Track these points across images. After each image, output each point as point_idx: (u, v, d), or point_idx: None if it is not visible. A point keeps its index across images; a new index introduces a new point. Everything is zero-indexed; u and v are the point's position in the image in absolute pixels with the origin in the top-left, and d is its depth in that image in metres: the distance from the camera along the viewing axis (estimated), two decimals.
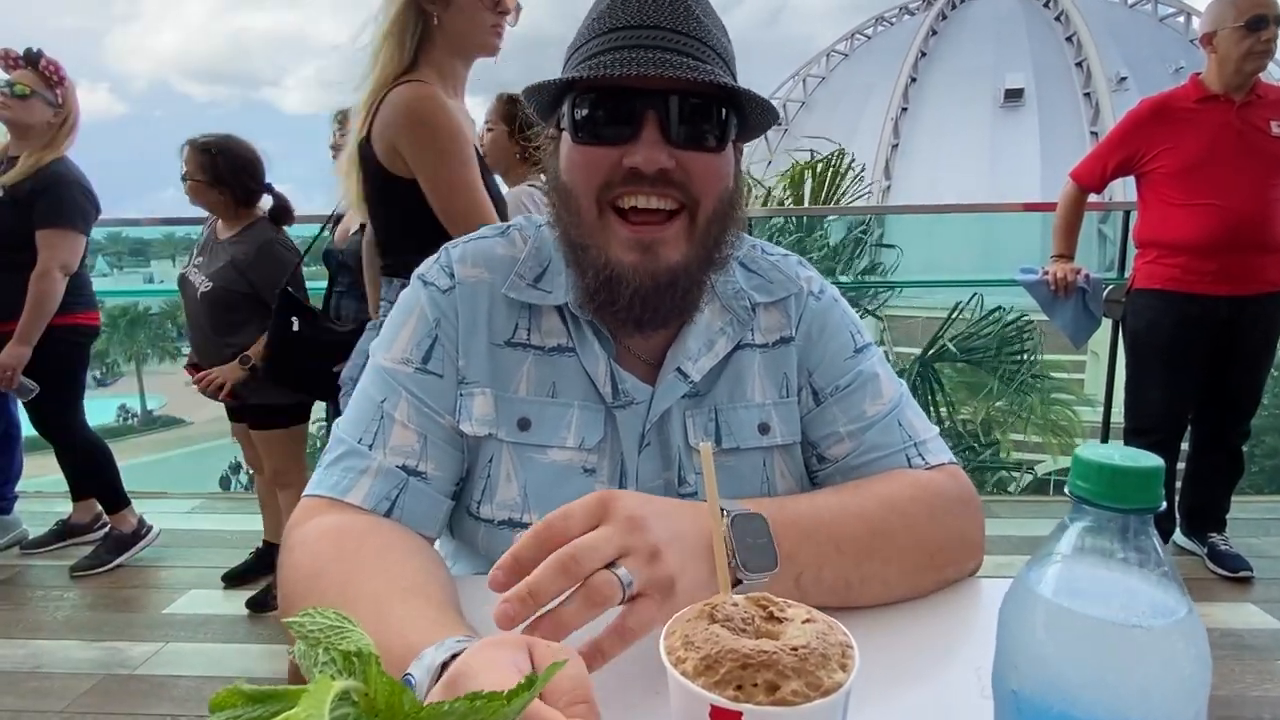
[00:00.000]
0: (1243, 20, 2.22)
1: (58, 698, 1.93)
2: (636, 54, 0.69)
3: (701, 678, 0.35)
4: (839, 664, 0.37)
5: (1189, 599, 0.33)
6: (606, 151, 0.71)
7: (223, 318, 2.38)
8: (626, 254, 0.72)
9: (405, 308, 0.80)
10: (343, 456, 0.73)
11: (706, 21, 0.73)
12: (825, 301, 0.87)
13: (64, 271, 2.48)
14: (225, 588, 2.53)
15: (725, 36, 0.75)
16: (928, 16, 41.35)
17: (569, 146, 0.74)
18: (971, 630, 0.68)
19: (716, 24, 0.74)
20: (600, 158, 0.71)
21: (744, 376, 0.82)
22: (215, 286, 2.36)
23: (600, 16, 0.73)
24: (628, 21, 0.70)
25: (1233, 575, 2.42)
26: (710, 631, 0.37)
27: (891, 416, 0.81)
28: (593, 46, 0.72)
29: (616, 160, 0.70)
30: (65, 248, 2.47)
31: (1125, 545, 0.33)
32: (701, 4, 0.74)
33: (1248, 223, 2.25)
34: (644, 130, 0.69)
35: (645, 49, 0.69)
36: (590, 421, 0.78)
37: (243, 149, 2.41)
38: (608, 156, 0.71)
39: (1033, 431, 8.05)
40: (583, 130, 0.72)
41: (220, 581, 2.55)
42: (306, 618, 0.28)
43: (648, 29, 0.70)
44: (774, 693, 0.34)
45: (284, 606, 0.65)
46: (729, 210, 0.76)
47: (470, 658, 0.41)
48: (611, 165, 0.71)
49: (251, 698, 0.24)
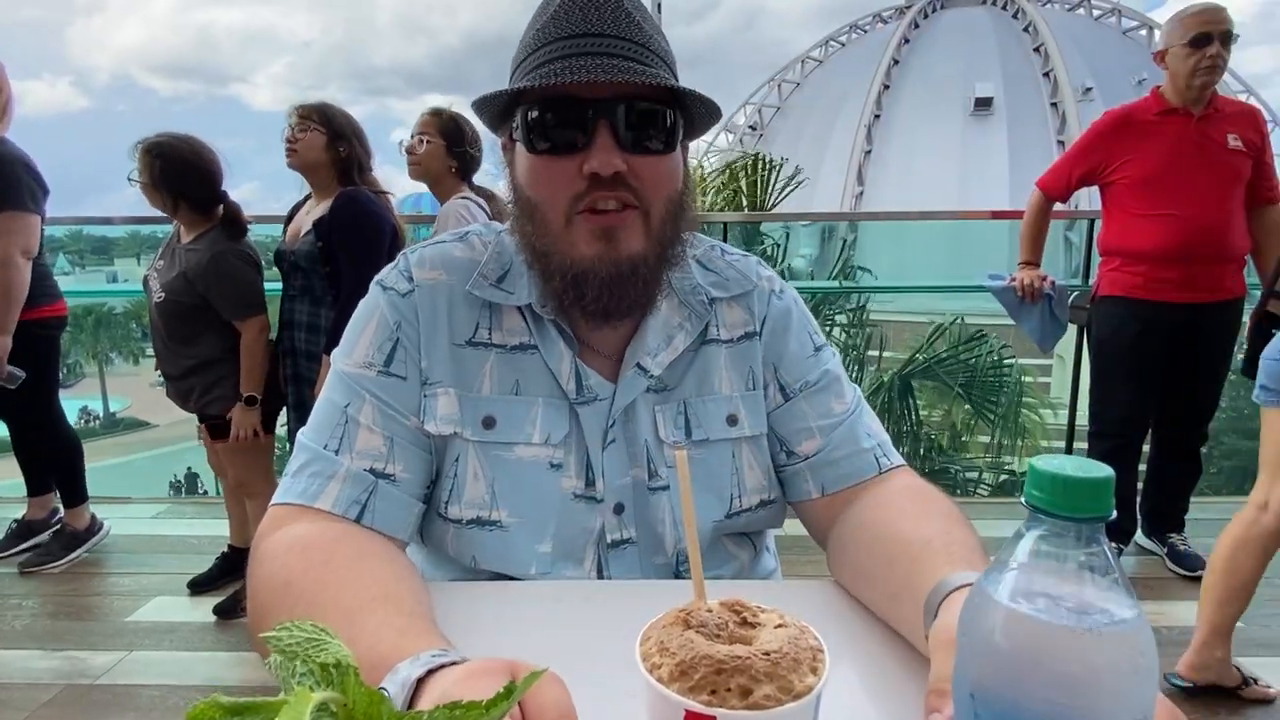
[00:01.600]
0: (1187, 38, 2.30)
1: (16, 709, 1.88)
2: (585, 61, 0.70)
3: (676, 683, 0.36)
4: (810, 668, 0.38)
5: (1138, 604, 0.35)
6: (565, 163, 0.72)
7: (178, 330, 2.29)
8: (589, 246, 0.74)
9: (365, 313, 0.81)
10: (309, 463, 0.73)
11: (646, 27, 0.75)
12: (786, 300, 0.90)
13: (25, 256, 2.39)
14: (191, 595, 2.46)
15: (664, 40, 0.77)
16: (901, 25, 41.98)
17: (527, 158, 0.75)
18: None
19: (654, 28, 0.76)
20: (561, 170, 0.73)
21: (711, 370, 0.84)
22: (167, 299, 2.26)
23: (544, 27, 0.74)
24: (571, 30, 0.72)
25: (1191, 575, 2.49)
26: (685, 637, 0.38)
27: (855, 416, 0.85)
28: (539, 56, 0.73)
29: (577, 170, 0.72)
30: (21, 230, 2.36)
31: (1077, 552, 0.34)
32: (640, 9, 0.76)
33: (1207, 233, 2.32)
34: (597, 137, 0.71)
35: (592, 55, 0.71)
36: (555, 417, 0.79)
37: (185, 152, 2.26)
38: (568, 168, 0.72)
39: (1000, 434, 8.20)
40: (538, 140, 0.73)
41: (186, 588, 2.49)
42: (284, 631, 0.28)
43: (592, 36, 0.71)
44: (747, 697, 0.35)
45: (254, 619, 0.64)
46: (680, 209, 0.78)
47: (455, 688, 0.41)
48: (573, 176, 0.72)
49: (230, 710, 0.24)
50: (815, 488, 0.84)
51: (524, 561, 0.78)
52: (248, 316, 2.29)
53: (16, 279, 2.37)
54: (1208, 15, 2.30)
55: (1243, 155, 2.33)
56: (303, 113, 2.29)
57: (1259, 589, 1.82)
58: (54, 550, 2.67)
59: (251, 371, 2.29)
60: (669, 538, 0.81)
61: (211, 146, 2.34)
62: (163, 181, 2.23)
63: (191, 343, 2.29)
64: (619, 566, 0.81)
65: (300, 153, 2.28)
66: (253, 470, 2.42)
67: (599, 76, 0.69)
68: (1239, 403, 8.48)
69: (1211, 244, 2.33)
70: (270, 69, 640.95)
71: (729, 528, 0.84)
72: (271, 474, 2.47)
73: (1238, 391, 8.57)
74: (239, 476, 2.43)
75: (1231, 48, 2.32)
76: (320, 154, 2.29)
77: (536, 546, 0.78)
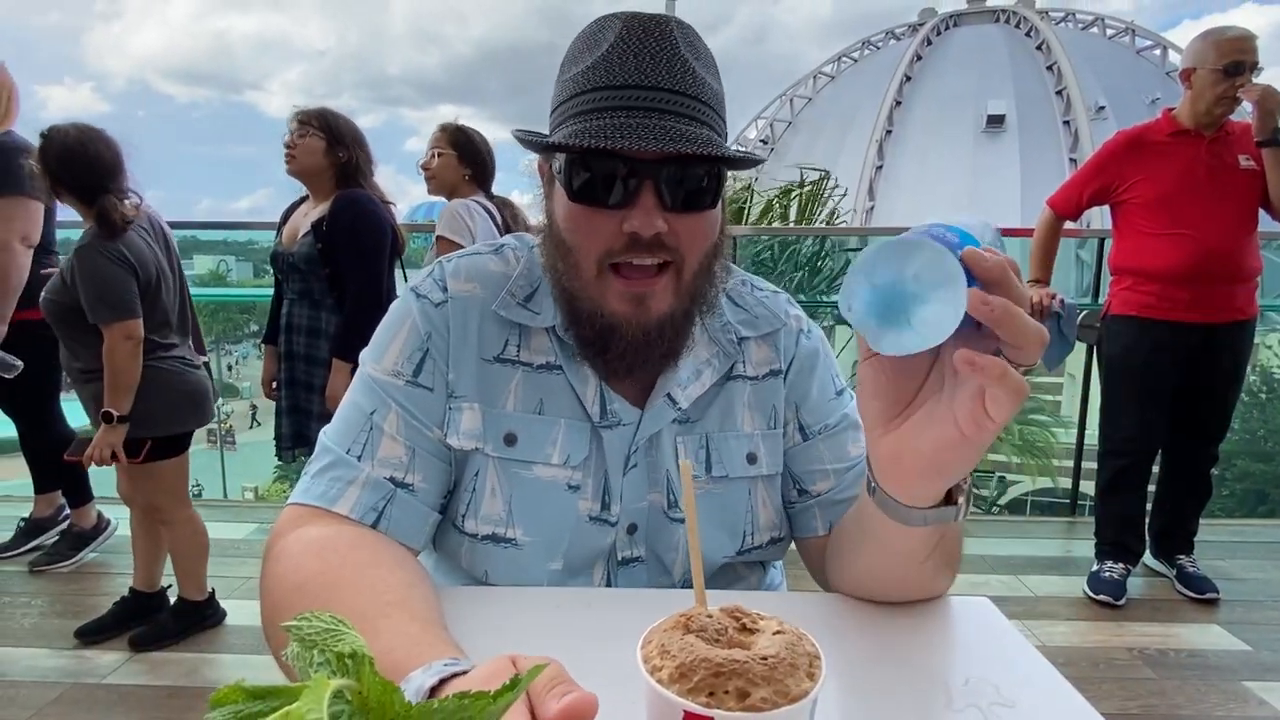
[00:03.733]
0: (1221, 64, 2.27)
1: (23, 707, 1.89)
2: (635, 119, 0.68)
3: (676, 685, 0.37)
4: (807, 674, 0.38)
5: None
6: (606, 217, 0.71)
7: (65, 334, 2.08)
8: (620, 305, 0.73)
9: (397, 319, 0.81)
10: (330, 466, 0.74)
11: (701, 72, 0.72)
12: (814, 341, 0.90)
13: (25, 243, 2.34)
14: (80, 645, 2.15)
15: (716, 78, 0.75)
16: (913, 42, 42.10)
17: (566, 203, 0.74)
18: (942, 646, 0.69)
19: (709, 67, 0.74)
20: (601, 224, 0.71)
21: (734, 406, 0.84)
22: (47, 298, 2.05)
23: (595, 68, 0.71)
24: (624, 80, 0.69)
25: (1199, 597, 2.47)
26: (685, 641, 0.39)
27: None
28: (586, 102, 0.71)
29: (616, 227, 0.71)
30: (20, 216, 2.31)
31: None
32: (694, 49, 0.73)
33: (1219, 253, 2.31)
34: (640, 197, 0.69)
35: (643, 112, 0.68)
36: (576, 439, 0.79)
37: (71, 140, 2.03)
38: (608, 223, 0.71)
39: (1009, 451, 8.15)
40: (579, 191, 0.72)
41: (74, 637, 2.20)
42: (304, 621, 0.29)
43: (645, 90, 0.69)
44: (744, 699, 0.36)
45: (267, 615, 0.65)
46: (713, 259, 0.77)
47: None
48: (613, 232, 0.71)
49: (252, 694, 0.25)
50: (822, 525, 0.84)
51: (535, 579, 0.79)
52: (110, 321, 1.99)
53: (14, 264, 2.31)
54: (1245, 44, 2.27)
55: (1255, 174, 2.33)
56: (302, 118, 2.26)
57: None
58: (62, 550, 2.69)
59: (112, 383, 1.99)
60: (678, 564, 0.82)
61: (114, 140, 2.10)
62: (45, 168, 2.04)
63: (79, 353, 2.08)
64: (626, 582, 0.81)
65: (299, 158, 2.25)
66: (166, 494, 2.15)
67: (650, 145, 0.66)
68: (1252, 424, 8.40)
69: (1224, 264, 2.32)
70: (284, 76, 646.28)
71: (738, 560, 0.85)
72: (186, 497, 2.22)
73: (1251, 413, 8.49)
74: (154, 501, 2.16)
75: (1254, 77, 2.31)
76: (319, 159, 2.25)
77: (548, 564, 0.79)
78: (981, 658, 0.67)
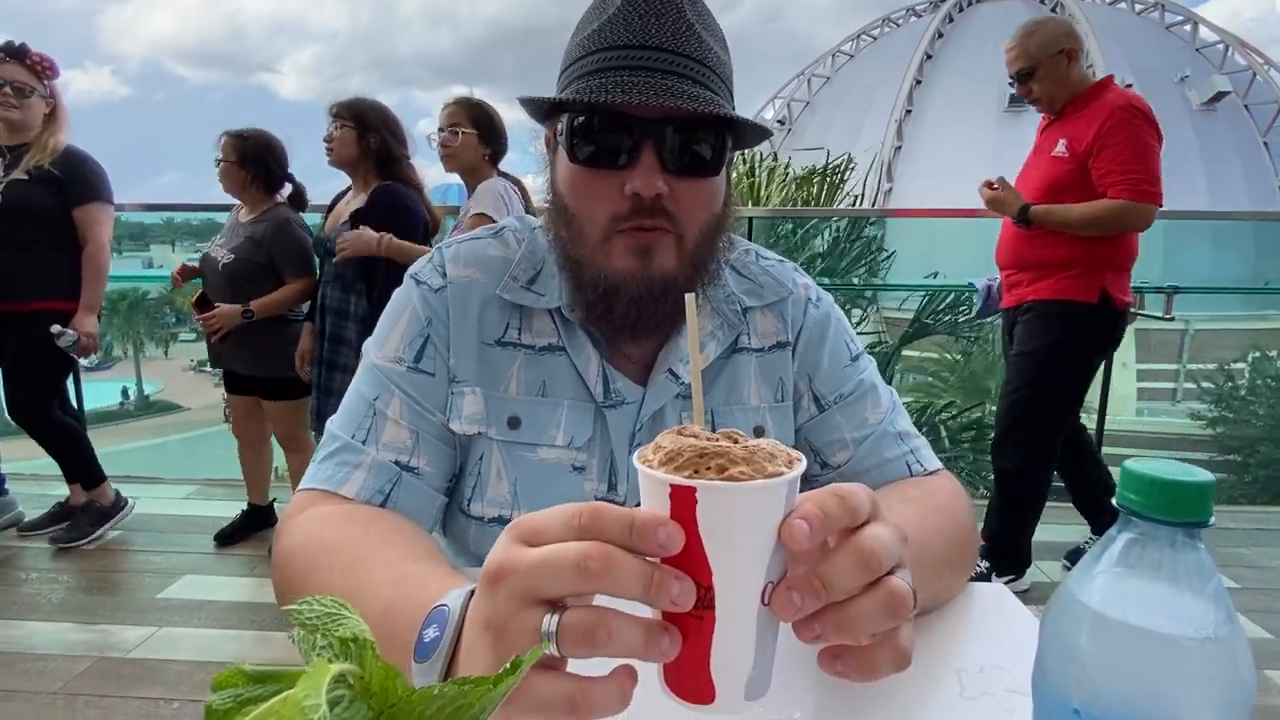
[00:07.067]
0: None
1: (51, 678, 1.94)
2: (639, 78, 0.68)
3: (663, 468, 0.39)
4: (785, 464, 0.39)
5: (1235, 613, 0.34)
6: (608, 180, 0.71)
7: (241, 289, 2.60)
8: (624, 261, 0.73)
9: (398, 306, 0.81)
10: (336, 451, 0.74)
11: (707, 38, 0.72)
12: (824, 309, 0.88)
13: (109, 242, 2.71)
14: (217, 548, 2.72)
15: (724, 49, 0.75)
16: (934, 19, 41.28)
17: (568, 165, 0.74)
18: (954, 633, 0.69)
19: (716, 36, 0.74)
20: (603, 185, 0.71)
21: (740, 379, 0.83)
22: (236, 259, 2.61)
23: (600, 30, 0.71)
24: (629, 40, 0.69)
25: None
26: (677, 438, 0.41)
27: (887, 423, 0.84)
28: (592, 63, 0.71)
29: (618, 189, 0.70)
30: (108, 220, 2.70)
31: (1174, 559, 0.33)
32: (702, 18, 0.72)
33: (1009, 238, 2.38)
34: (642, 156, 0.70)
35: (645, 71, 0.68)
36: (579, 420, 0.79)
37: (264, 140, 2.66)
38: (610, 184, 0.71)
39: None
40: (580, 149, 0.72)
41: (214, 568, 2.57)
42: (305, 605, 0.29)
43: (649, 50, 0.69)
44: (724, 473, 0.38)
45: (285, 588, 0.65)
46: (717, 229, 0.76)
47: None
48: (615, 195, 0.71)
49: (253, 678, 0.25)
50: None
51: None
52: (299, 275, 2.64)
53: (107, 263, 2.70)
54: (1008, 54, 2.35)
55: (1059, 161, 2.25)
56: (335, 111, 2.42)
57: None
58: (82, 526, 2.75)
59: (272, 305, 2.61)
60: None
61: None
62: (242, 162, 2.61)
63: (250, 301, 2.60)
64: None
65: (336, 150, 2.41)
66: (298, 425, 2.73)
67: (650, 99, 0.67)
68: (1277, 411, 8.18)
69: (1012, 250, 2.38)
70: (296, 58, 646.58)
71: None
72: (309, 429, 2.71)
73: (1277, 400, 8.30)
74: (287, 431, 2.75)
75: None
76: (353, 149, 2.40)
77: None
78: (997, 645, 0.66)
